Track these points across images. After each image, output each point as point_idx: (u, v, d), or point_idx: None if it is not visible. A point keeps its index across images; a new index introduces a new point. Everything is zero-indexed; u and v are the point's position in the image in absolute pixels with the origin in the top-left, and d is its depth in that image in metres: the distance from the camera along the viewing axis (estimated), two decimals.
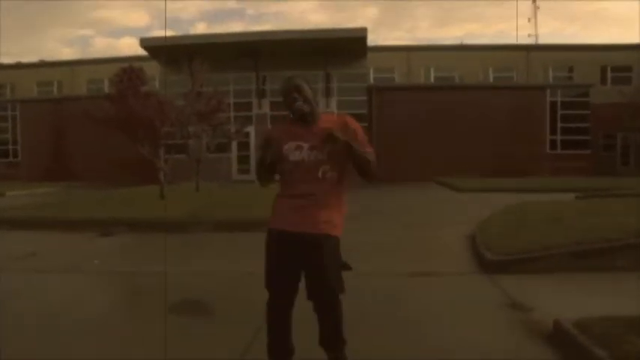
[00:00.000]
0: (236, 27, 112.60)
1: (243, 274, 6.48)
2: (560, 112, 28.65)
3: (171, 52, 25.46)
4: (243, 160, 27.77)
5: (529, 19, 44.35)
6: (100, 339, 4.39)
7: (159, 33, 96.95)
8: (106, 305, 5.54)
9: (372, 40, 66.23)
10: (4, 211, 13.01)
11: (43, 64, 40.37)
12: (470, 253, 7.62)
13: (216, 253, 8.36)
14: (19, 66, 39.83)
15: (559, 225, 7.89)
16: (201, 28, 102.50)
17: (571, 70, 34.25)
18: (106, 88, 27.61)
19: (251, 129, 26.08)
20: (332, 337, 3.33)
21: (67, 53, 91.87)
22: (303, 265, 3.22)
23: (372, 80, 32.76)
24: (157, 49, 26.91)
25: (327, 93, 27.82)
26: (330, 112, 3.66)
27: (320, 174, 3.18)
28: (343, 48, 26.25)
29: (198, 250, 8.68)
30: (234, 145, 25.95)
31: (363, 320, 4.53)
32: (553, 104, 28.74)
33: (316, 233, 3.16)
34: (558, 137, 28.69)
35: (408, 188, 20.60)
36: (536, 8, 44.98)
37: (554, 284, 5.83)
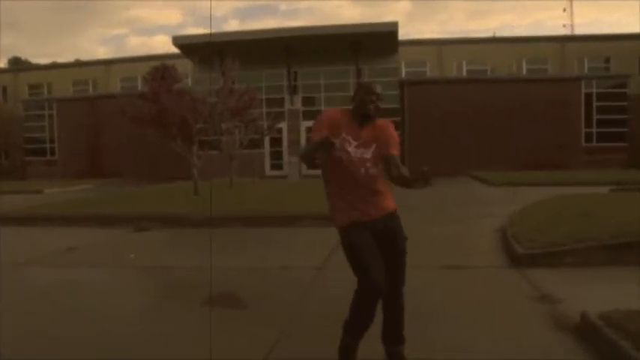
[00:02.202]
0: (269, 23, 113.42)
1: (278, 268, 6.63)
2: (595, 104, 28.15)
3: (204, 50, 25.69)
4: (276, 155, 27.93)
5: (564, 9, 43.43)
6: (134, 331, 4.50)
7: (192, 31, 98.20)
8: (140, 298, 5.71)
9: (404, 34, 65.78)
10: (43, 207, 13.35)
11: (78, 64, 41.14)
12: (500, 247, 7.59)
13: (249, 247, 8.46)
14: (55, 66, 40.61)
15: (591, 218, 7.78)
16: (233, 25, 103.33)
17: (607, 60, 33.51)
18: (140, 86, 28.03)
19: (283, 125, 26.23)
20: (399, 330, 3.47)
21: (102, 52, 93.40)
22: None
23: (403, 74, 32.61)
24: (189, 47, 27.22)
25: None
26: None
27: (362, 171, 3.37)
28: (374, 43, 26.23)
29: (232, 246, 8.74)
30: (266, 141, 26.17)
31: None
32: (588, 96, 28.25)
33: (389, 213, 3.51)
34: (594, 129, 28.20)
35: (442, 183, 20.45)
36: None
37: (584, 278, 5.79)
